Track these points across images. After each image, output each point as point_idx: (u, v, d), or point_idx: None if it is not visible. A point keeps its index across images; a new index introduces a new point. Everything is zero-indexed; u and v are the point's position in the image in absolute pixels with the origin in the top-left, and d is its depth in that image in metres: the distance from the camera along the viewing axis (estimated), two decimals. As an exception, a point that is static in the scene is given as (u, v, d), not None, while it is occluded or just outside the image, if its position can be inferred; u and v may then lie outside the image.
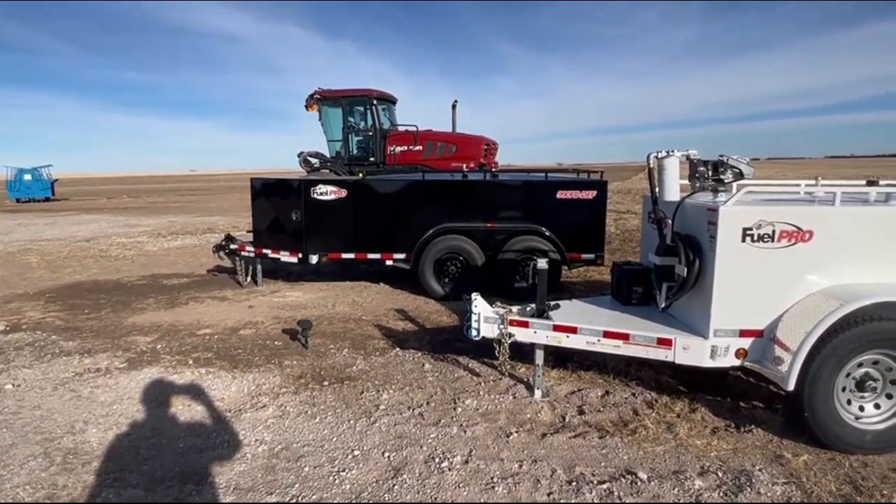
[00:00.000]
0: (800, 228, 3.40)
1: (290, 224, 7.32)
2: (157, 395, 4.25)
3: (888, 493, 2.90)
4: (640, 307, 4.32)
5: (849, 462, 3.23)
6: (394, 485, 3.06)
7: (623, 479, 3.06)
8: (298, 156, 12.78)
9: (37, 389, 4.40)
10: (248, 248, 7.81)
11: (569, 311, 4.27)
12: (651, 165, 3.95)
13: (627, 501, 2.88)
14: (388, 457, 3.34)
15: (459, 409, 3.94)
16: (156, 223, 18.10)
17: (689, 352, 3.60)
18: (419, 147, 12.81)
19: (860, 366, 3.32)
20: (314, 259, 7.26)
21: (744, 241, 3.42)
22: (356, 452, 3.39)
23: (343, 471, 3.19)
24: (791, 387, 3.25)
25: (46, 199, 31.93)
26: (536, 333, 3.99)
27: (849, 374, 3.32)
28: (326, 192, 7.17)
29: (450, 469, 3.19)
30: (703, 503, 2.86)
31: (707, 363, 3.58)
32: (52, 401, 4.19)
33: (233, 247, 8.00)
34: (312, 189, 7.15)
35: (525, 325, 4.01)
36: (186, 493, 3.01)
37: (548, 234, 6.90)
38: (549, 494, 2.96)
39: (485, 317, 4.12)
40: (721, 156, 3.72)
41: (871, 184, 4.00)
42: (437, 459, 3.29)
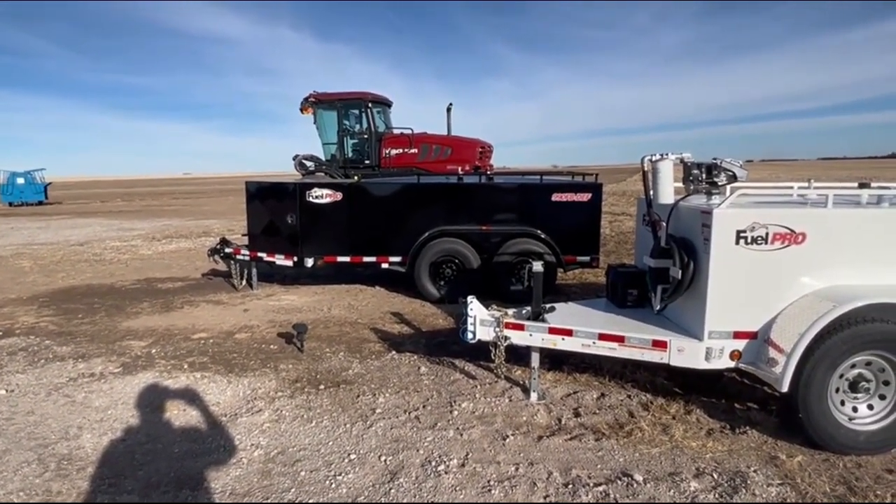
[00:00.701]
0: (793, 230, 3.42)
1: (286, 227, 7.31)
2: (152, 400, 4.23)
3: (882, 494, 2.92)
4: (636, 309, 4.34)
5: (843, 463, 3.25)
6: (390, 488, 3.05)
7: (619, 481, 3.07)
8: (294, 159, 12.76)
9: (30, 395, 4.37)
10: (244, 252, 7.79)
11: (564, 314, 4.27)
12: (645, 168, 3.96)
13: (623, 503, 2.89)
14: (385, 460, 3.33)
15: (456, 413, 3.94)
16: (150, 227, 18.04)
17: (684, 354, 3.61)
18: (414, 150, 12.81)
19: (853, 367, 3.35)
20: (310, 262, 7.25)
21: (737, 244, 3.44)
22: (353, 456, 3.39)
23: (339, 475, 3.19)
24: (785, 388, 3.27)
25: (39, 203, 31.76)
26: (532, 336, 3.99)
27: (842, 376, 3.35)
28: (322, 196, 7.17)
29: (446, 472, 3.19)
30: (699, 505, 2.87)
31: (702, 365, 3.60)
32: (46, 406, 4.17)
33: (228, 250, 7.98)
34: (307, 192, 7.15)
35: (521, 328, 4.02)
36: (182, 499, 3.00)
37: (543, 237, 6.92)
38: (546, 497, 2.96)
39: (481, 320, 4.12)
40: (715, 158, 3.74)
41: (864, 186, 4.03)
42: (434, 463, 3.29)
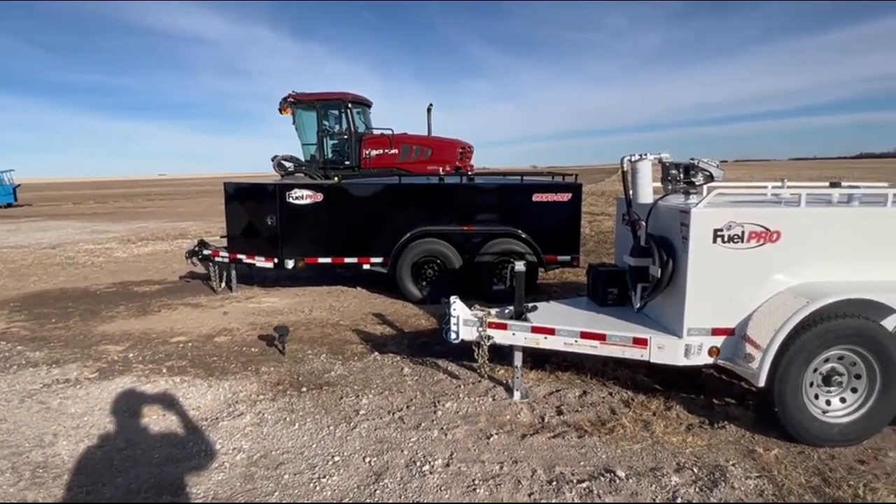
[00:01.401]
0: (768, 229, 3.51)
1: (265, 229, 7.23)
2: (130, 406, 4.16)
3: (854, 484, 3.00)
4: (616, 308, 4.40)
5: (817, 455, 3.34)
6: (375, 490, 3.05)
7: (602, 478, 3.11)
8: (272, 160, 12.62)
9: (2, 402, 4.26)
10: (223, 254, 7.69)
11: (546, 313, 4.31)
12: (625, 168, 4.02)
13: (607, 499, 2.92)
14: (370, 462, 3.32)
15: (440, 413, 3.95)
16: (125, 229, 17.69)
17: (664, 351, 3.67)
18: (395, 150, 12.78)
19: (826, 361, 3.44)
20: (290, 264, 7.18)
21: (715, 242, 3.51)
22: (337, 458, 3.37)
23: (324, 477, 3.17)
24: (762, 383, 3.35)
25: (8, 206, 30.89)
26: (515, 335, 4.02)
27: (816, 370, 3.43)
28: (302, 197, 7.11)
29: (431, 472, 3.19)
30: (680, 500, 2.92)
31: (681, 361, 3.66)
32: (20, 413, 4.06)
33: (206, 252, 7.87)
34: (287, 193, 7.09)
35: (503, 328, 4.05)
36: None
37: (524, 237, 6.97)
38: (531, 495, 2.99)
39: (464, 320, 4.13)
40: (692, 159, 3.81)
41: (835, 185, 4.15)
42: (419, 463, 3.29)
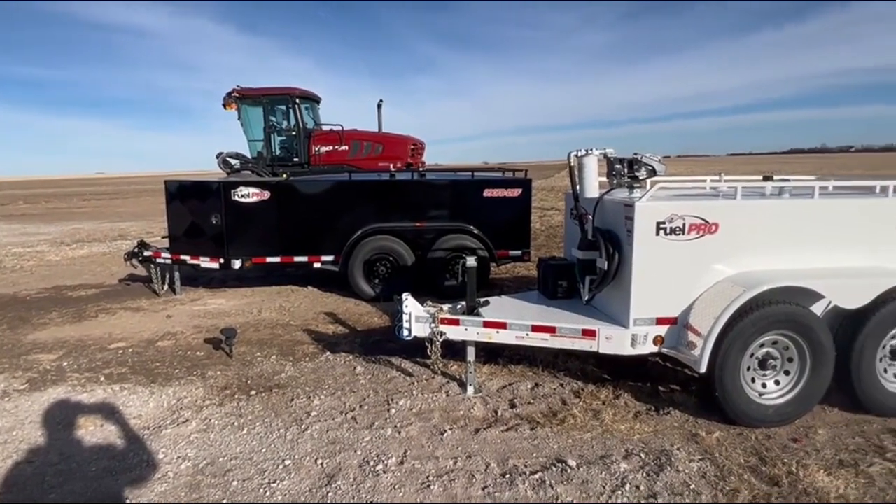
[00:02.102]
0: (707, 221, 3.64)
1: (210, 228, 6.98)
2: (65, 417, 3.93)
3: (788, 462, 3.17)
4: (566, 301, 4.48)
5: (754, 435, 3.50)
6: (328, 492, 2.99)
7: (554, 468, 3.16)
8: (217, 156, 12.23)
9: (-81, 419, 3.94)
10: (165, 255, 7.38)
11: (498, 308, 4.35)
12: (572, 163, 4.09)
13: (559, 489, 2.97)
14: (322, 464, 3.26)
15: (393, 411, 3.92)
16: (58, 230, 16.71)
17: (612, 341, 3.77)
18: (345, 147, 12.60)
19: (762, 346, 3.61)
20: (237, 264, 6.96)
21: (658, 235, 3.62)
22: (287, 462, 3.29)
23: (274, 482, 3.09)
24: (703, 369, 3.48)
25: (-75, 207, 28.67)
26: (467, 331, 4.03)
27: (752, 355, 3.60)
28: (248, 194, 6.90)
29: (385, 471, 3.16)
30: (629, 486, 3.00)
31: (628, 351, 3.77)
32: (-62, 431, 3.77)
33: (147, 254, 7.52)
34: (233, 191, 6.86)
35: (456, 323, 4.05)
36: (101, 520, 2.80)
37: (476, 233, 7.01)
38: (484, 489, 3.00)
39: (416, 316, 4.11)
40: (635, 154, 3.92)
41: (767, 179, 4.36)
42: (372, 463, 3.25)
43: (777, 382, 3.66)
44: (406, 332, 4.14)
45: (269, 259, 7.03)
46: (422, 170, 8.57)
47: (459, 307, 4.33)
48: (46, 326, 6.30)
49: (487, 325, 3.98)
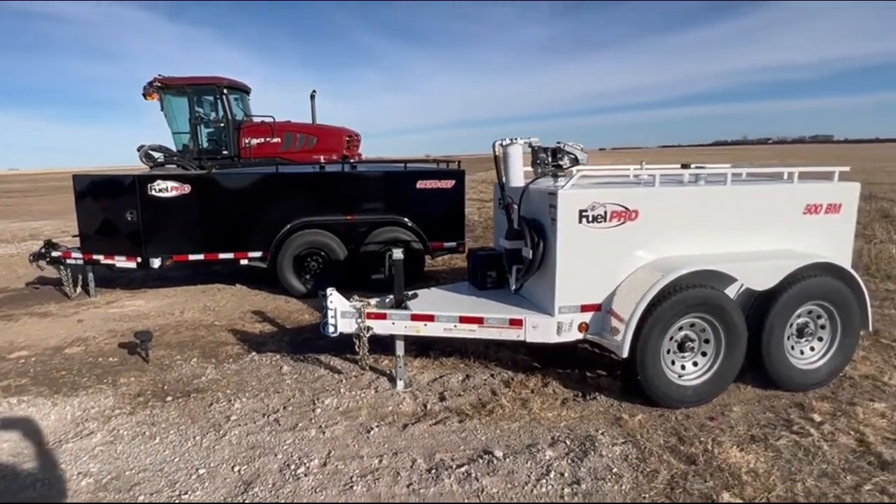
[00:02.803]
0: (627, 208, 3.70)
1: (125, 225, 6.53)
2: (-51, 436, 3.55)
3: (704, 440, 3.27)
4: (496, 291, 4.46)
5: (675, 416, 3.60)
6: (245, 500, 2.83)
7: (480, 460, 3.13)
8: (138, 150, 11.55)
9: None
10: (76, 255, 6.85)
11: (427, 300, 4.28)
12: (497, 153, 4.06)
13: (484, 481, 2.94)
14: (239, 471, 3.09)
15: (319, 410, 3.78)
16: (-41, 232, 15.30)
17: (538, 330, 3.78)
18: (277, 139, 12.21)
19: (681, 329, 3.71)
20: (156, 263, 6.56)
21: (580, 223, 3.64)
22: (202, 471, 3.09)
23: (185, 493, 2.90)
24: (625, 354, 3.54)
25: None
26: (395, 325, 3.94)
27: (672, 338, 3.70)
28: (166, 189, 6.50)
29: (306, 474, 3.03)
30: (553, 474, 3.01)
31: (554, 339, 3.79)
32: None
33: (55, 254, 6.96)
34: (149, 186, 6.44)
35: (383, 317, 3.95)
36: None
37: (410, 225, 6.91)
38: (409, 486, 2.93)
39: (341, 312, 3.98)
40: (558, 143, 3.93)
41: (685, 167, 4.49)
42: (293, 466, 3.11)
43: (695, 363, 3.79)
44: (332, 329, 4.00)
45: (192, 257, 6.66)
46: (353, 161, 8.35)
47: (388, 301, 4.23)
48: (-64, 337, 5.71)
49: (415, 319, 3.91)
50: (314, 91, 13.38)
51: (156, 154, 11.72)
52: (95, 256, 6.74)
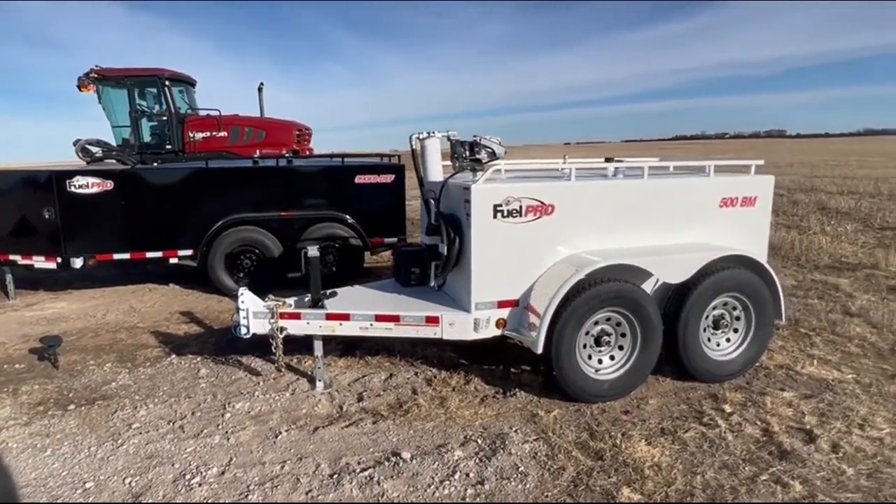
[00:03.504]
0: (543, 203, 3.66)
1: (43, 224, 6.19)
2: None
3: (615, 434, 3.27)
4: (420, 288, 4.38)
5: (590, 411, 3.60)
6: (131, 514, 2.68)
7: (387, 463, 3.05)
8: (74, 144, 11.05)
9: None
10: (-9, 256, 6.47)
11: (347, 298, 4.17)
12: (414, 147, 3.97)
13: (385, 485, 2.86)
14: (130, 483, 2.93)
15: (228, 415, 3.63)
16: None
17: (455, 327, 3.71)
18: (224, 133, 11.86)
19: (597, 323, 3.70)
20: (77, 263, 6.24)
21: (495, 218, 3.59)
22: (89, 484, 2.92)
23: (67, 509, 2.73)
24: (540, 350, 3.51)
25: None
26: (309, 324, 3.82)
27: (588, 332, 3.69)
28: (87, 185, 6.18)
29: (201, 484, 2.89)
30: (458, 475, 2.95)
31: (471, 336, 3.73)
32: None
33: (-33, 255, 6.56)
34: (68, 182, 6.11)
35: (297, 317, 3.82)
36: None
37: (348, 221, 6.76)
38: (308, 492, 2.83)
39: (254, 312, 3.84)
40: (475, 136, 3.86)
41: (609, 160, 4.48)
42: (189, 476, 2.96)
43: (612, 357, 3.78)
44: (244, 330, 3.85)
45: (117, 256, 6.36)
46: (289, 156, 8.13)
47: (307, 300, 4.10)
48: None
49: (330, 318, 3.79)
50: (262, 83, 13.04)
51: (93, 149, 11.19)
52: (12, 257, 6.37)
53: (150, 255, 6.45)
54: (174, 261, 6.55)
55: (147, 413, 3.69)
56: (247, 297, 3.83)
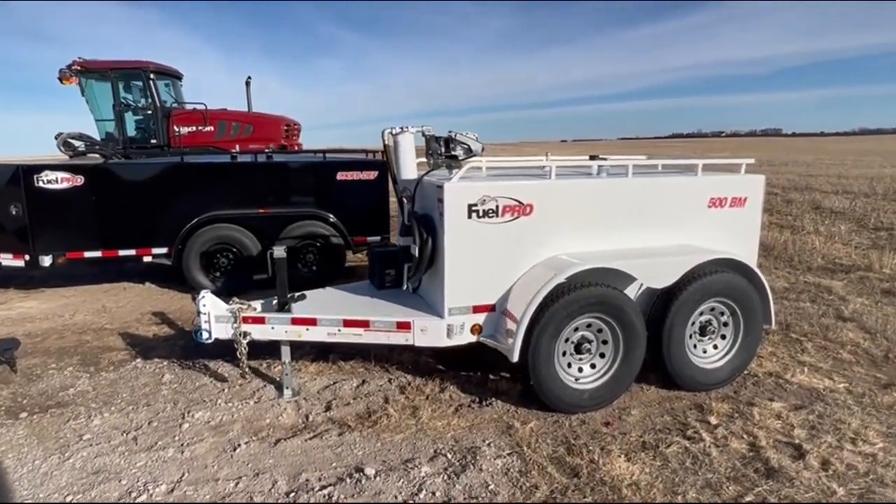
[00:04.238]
0: (521, 202, 3.47)
1: (9, 220, 5.95)
2: None
3: (593, 449, 3.09)
4: (395, 290, 4.18)
5: (569, 422, 3.41)
6: (68, 537, 2.49)
7: (349, 479, 2.85)
8: (56, 137, 10.81)
9: None
10: (-45, 253, 6.24)
11: (317, 301, 3.98)
12: (387, 142, 3.77)
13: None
14: (71, 501, 2.73)
15: (186, 426, 3.43)
16: None
17: (427, 333, 3.52)
18: (210, 128, 11.65)
19: (577, 330, 3.51)
20: (47, 261, 6.01)
21: (470, 218, 3.39)
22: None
23: (-1, 531, 2.53)
24: (516, 358, 3.32)
25: None
26: (274, 329, 3.62)
27: (567, 339, 3.50)
28: (57, 180, 5.95)
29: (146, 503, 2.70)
30: (424, 493, 2.76)
31: (445, 343, 3.54)
32: None
33: (-66, 252, 6.32)
34: (37, 176, 5.88)
35: (261, 322, 3.62)
36: None
37: (329, 219, 6.56)
38: (261, 512, 2.64)
39: (215, 316, 3.64)
40: (450, 132, 3.66)
41: (593, 158, 4.29)
42: (135, 493, 2.77)
43: (593, 366, 3.60)
44: (206, 335, 3.66)
45: (88, 254, 6.13)
46: (268, 151, 7.90)
47: (275, 303, 3.90)
48: None
49: (295, 322, 3.59)
50: (249, 77, 12.82)
51: (76, 142, 10.99)
52: (-22, 254, 6.14)
53: (123, 253, 6.23)
54: (148, 259, 6.33)
55: (101, 423, 3.49)
56: (208, 300, 3.63)
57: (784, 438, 3.18)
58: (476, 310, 3.53)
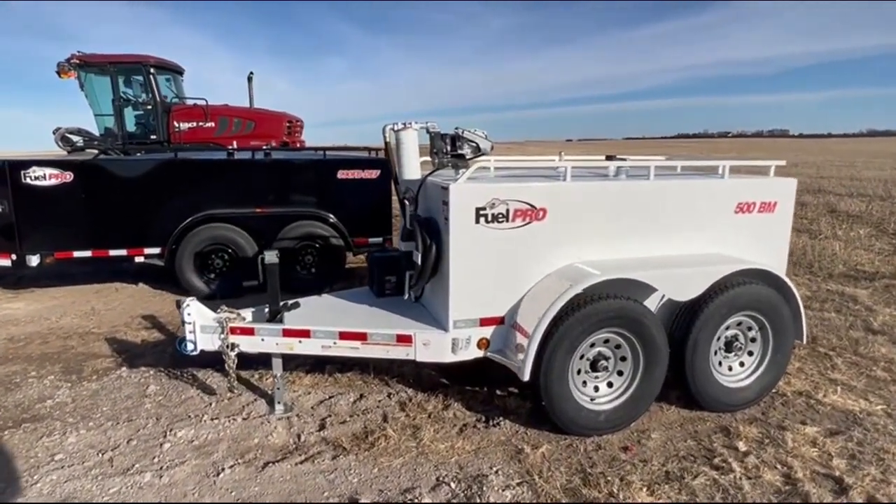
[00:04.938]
0: (533, 206, 3.18)
1: (-5, 217, 5.72)
2: None
3: (611, 479, 2.80)
4: (395, 299, 3.90)
5: (584, 446, 3.12)
6: (26, 577, 2.22)
7: (341, 512, 2.58)
8: (55, 132, 10.61)
9: None
10: (-59, 251, 5.99)
11: (311, 310, 3.70)
12: (388, 139, 3.49)
13: (336, 544, 2.40)
14: (33, 534, 2.47)
15: (167, 446, 3.16)
16: None
17: (430, 347, 3.24)
18: (211, 124, 11.41)
19: (593, 346, 3.23)
20: (34, 260, 5.76)
21: (477, 222, 3.10)
22: (-15, 535, 2.46)
23: (-50, 570, 2.26)
24: (527, 377, 3.04)
25: None
26: (264, 341, 3.35)
27: (583, 356, 3.21)
28: (45, 177, 5.70)
29: (116, 539, 2.43)
30: (425, 528, 2.48)
31: (449, 358, 3.26)
32: None
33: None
34: (23, 172, 5.63)
35: (250, 332, 3.35)
36: None
37: (329, 219, 6.29)
38: (242, 551, 2.36)
39: (201, 326, 3.37)
40: (457, 128, 3.38)
41: (610, 158, 3.99)
42: (104, 526, 2.50)
43: (610, 385, 3.31)
44: (190, 346, 3.38)
45: (77, 253, 5.88)
46: (267, 149, 7.63)
47: (267, 311, 3.63)
48: None
49: (287, 334, 3.32)
50: (251, 73, 12.56)
51: (74, 137, 10.78)
52: (-36, 253, 5.90)
53: (114, 253, 5.97)
54: (140, 259, 6.08)
55: (77, 440, 3.22)
56: (193, 308, 3.35)
57: (822, 469, 2.89)
58: (483, 322, 3.24)
